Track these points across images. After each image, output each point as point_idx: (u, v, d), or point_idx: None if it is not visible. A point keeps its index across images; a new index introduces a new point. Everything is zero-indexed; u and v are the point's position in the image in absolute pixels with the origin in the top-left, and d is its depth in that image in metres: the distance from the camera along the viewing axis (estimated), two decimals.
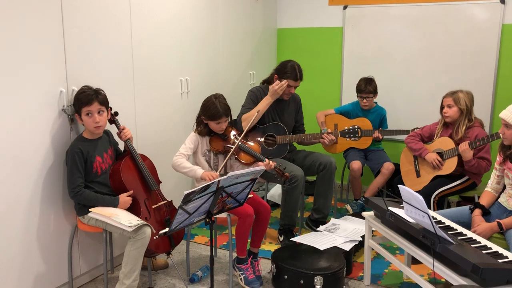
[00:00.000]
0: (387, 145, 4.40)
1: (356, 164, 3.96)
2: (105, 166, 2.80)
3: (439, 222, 2.68)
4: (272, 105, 3.54)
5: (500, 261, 2.15)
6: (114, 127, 2.93)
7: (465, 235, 2.49)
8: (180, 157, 3.02)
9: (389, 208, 2.70)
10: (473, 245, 2.33)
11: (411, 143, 3.70)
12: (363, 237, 3.20)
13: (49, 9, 2.59)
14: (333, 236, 3.26)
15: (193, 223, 2.33)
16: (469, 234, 2.51)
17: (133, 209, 2.80)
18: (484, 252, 2.25)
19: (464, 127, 3.41)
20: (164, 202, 2.95)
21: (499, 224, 2.60)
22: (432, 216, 2.47)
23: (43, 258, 2.71)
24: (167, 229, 2.23)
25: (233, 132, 3.21)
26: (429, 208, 3.16)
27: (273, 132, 3.67)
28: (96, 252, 3.06)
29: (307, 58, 4.83)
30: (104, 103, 2.70)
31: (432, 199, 3.39)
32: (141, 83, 3.28)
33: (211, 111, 3.03)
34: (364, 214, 3.03)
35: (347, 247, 3.12)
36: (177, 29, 3.58)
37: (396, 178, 3.93)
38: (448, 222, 2.67)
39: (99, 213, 2.67)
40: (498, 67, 4.16)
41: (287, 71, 3.52)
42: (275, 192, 4.42)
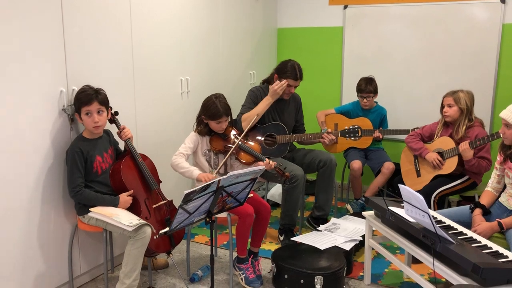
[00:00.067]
0: (387, 145, 4.40)
1: (356, 164, 3.96)
2: (105, 165, 2.80)
3: (439, 221, 2.68)
4: (272, 104, 3.54)
5: (500, 260, 2.14)
6: (115, 127, 2.93)
7: (466, 234, 2.49)
8: (179, 157, 3.01)
9: (390, 207, 2.69)
10: (473, 245, 2.33)
11: (411, 142, 3.70)
12: (363, 236, 3.20)
13: (49, 9, 2.59)
14: (333, 236, 3.26)
15: (193, 223, 2.33)
16: (470, 233, 2.51)
17: (133, 208, 2.80)
18: (485, 251, 2.25)
19: (464, 127, 3.41)
20: (164, 201, 2.95)
21: (499, 224, 2.60)
22: (433, 216, 2.46)
23: (43, 257, 2.71)
24: (167, 229, 2.23)
25: (233, 131, 3.21)
26: (429, 207, 3.16)
27: (273, 132, 3.67)
28: (96, 252, 3.06)
29: (307, 57, 4.83)
30: (103, 103, 2.70)
31: (433, 198, 3.38)
32: (141, 83, 3.28)
33: (212, 110, 3.03)
34: (365, 213, 3.03)
35: (348, 246, 3.12)
36: (177, 29, 3.58)
37: (397, 178, 3.93)
38: (449, 222, 2.67)
39: (99, 212, 2.67)
40: (498, 66, 4.16)
41: (287, 70, 3.52)
42: (275, 191, 4.42)
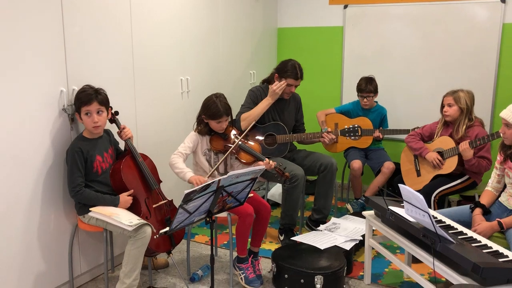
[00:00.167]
0: (387, 145, 4.40)
1: (356, 164, 3.96)
2: (105, 165, 2.80)
3: (439, 221, 2.68)
4: (272, 104, 3.54)
5: (500, 260, 2.14)
6: (115, 127, 2.93)
7: (466, 234, 2.49)
8: (177, 157, 3.01)
9: (390, 207, 2.69)
10: (473, 244, 2.33)
11: (411, 142, 3.70)
12: (363, 236, 3.20)
13: (50, 8, 2.59)
14: (333, 235, 3.26)
15: (193, 223, 2.33)
16: (470, 233, 2.51)
17: (133, 208, 2.80)
18: (485, 251, 2.25)
19: (464, 126, 3.41)
20: (165, 201, 2.95)
21: (499, 223, 2.60)
22: (433, 215, 2.46)
23: (43, 257, 2.71)
24: (167, 229, 2.23)
25: (233, 131, 3.21)
26: (429, 207, 3.16)
27: (273, 132, 3.67)
28: (96, 252, 3.06)
29: (307, 57, 4.83)
30: (103, 103, 2.69)
31: (433, 198, 3.38)
32: (142, 83, 3.28)
33: (212, 110, 3.03)
34: (365, 213, 3.03)
35: (348, 246, 3.12)
36: (177, 29, 3.58)
37: (397, 178, 3.93)
38: (449, 221, 2.67)
39: (99, 212, 2.67)
40: (498, 66, 4.16)
41: (287, 70, 3.52)
42: (276, 191, 4.42)
